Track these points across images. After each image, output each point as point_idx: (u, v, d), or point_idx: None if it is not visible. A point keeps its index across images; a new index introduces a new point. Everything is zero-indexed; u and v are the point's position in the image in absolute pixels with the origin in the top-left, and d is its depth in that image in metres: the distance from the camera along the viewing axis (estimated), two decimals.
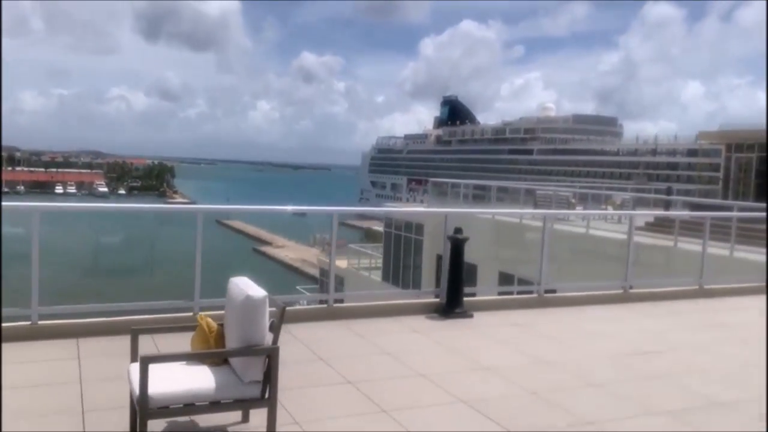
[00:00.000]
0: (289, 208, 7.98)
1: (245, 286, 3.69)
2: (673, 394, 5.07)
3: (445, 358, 5.75)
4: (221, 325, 3.89)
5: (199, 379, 3.55)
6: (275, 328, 3.66)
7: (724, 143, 27.67)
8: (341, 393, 4.72)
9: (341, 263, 32.51)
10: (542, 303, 8.07)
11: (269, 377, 3.60)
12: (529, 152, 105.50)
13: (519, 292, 9.57)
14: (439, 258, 25.64)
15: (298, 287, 38.76)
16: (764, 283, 9.70)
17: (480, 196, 24.41)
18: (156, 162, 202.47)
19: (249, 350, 3.55)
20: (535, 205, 21.91)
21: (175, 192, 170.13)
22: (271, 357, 3.59)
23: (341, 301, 9.05)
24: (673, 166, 74.04)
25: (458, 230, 7.60)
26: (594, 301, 8.40)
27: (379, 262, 28.51)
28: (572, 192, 20.84)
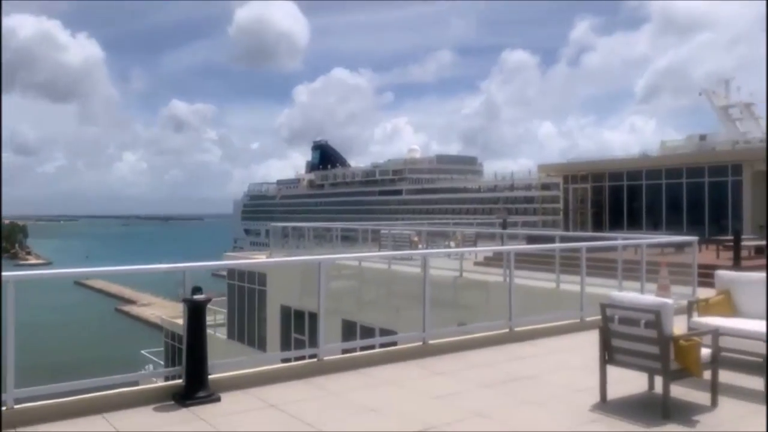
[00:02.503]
0: None
1: None
2: None
3: None
4: None
5: None
6: None
7: (562, 175, 28.69)
8: None
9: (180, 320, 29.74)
10: (322, 369, 6.63)
11: None
12: (399, 192, 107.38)
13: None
14: (284, 309, 23.56)
15: (143, 351, 35.11)
16: (578, 320, 9.00)
17: (326, 238, 23.12)
18: (6, 222, 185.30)
19: None
20: (380, 246, 20.98)
21: (29, 253, 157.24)
22: None
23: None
24: (530, 200, 77.90)
25: (197, 290, 6.00)
26: (388, 359, 7.11)
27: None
28: (414, 231, 20.14)
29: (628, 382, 5.82)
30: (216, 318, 26.56)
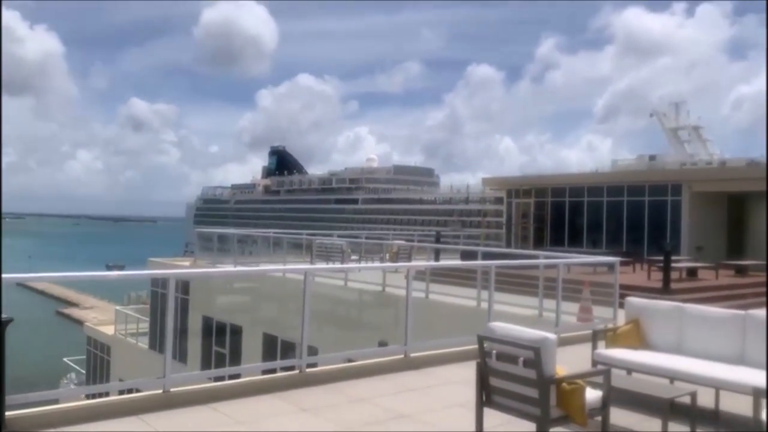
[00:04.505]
0: None
1: None
2: None
3: None
4: None
5: None
6: None
7: (505, 189, 28.31)
8: None
9: (108, 329, 28.15)
10: (168, 404, 5.63)
11: None
12: (355, 201, 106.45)
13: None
14: (206, 319, 22.16)
15: (66, 359, 33.26)
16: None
17: (257, 245, 21.97)
18: None
19: None
20: (312, 256, 19.98)
21: None
22: None
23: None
24: (483, 213, 78.10)
25: None
26: (253, 391, 6.15)
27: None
28: (346, 241, 19.22)
29: (514, 423, 5.01)
30: (139, 326, 25.16)
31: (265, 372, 6.90)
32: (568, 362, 7.53)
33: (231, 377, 7.05)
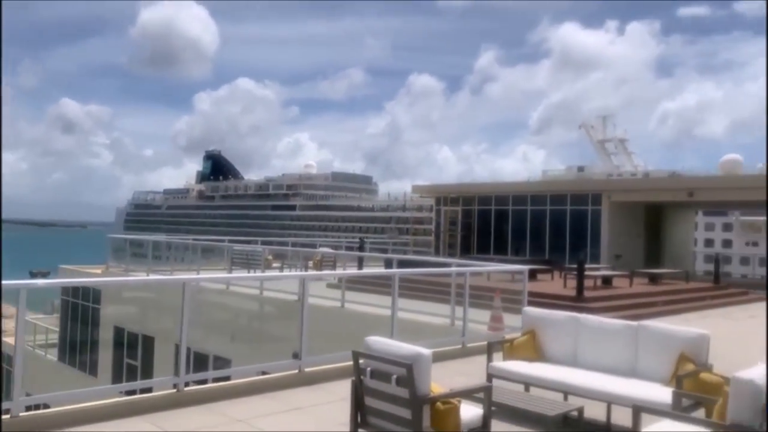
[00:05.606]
0: None
1: None
2: None
3: None
4: None
5: None
6: None
7: (434, 197, 28.40)
8: None
9: (11, 339, 26.42)
10: (18, 428, 5.03)
11: None
12: (292, 208, 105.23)
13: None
14: (117, 330, 20.90)
15: None
16: None
17: (177, 251, 21.08)
18: None
19: None
20: (231, 264, 19.31)
21: None
22: None
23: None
24: (419, 221, 78.68)
25: None
26: (125, 412, 5.60)
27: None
28: (265, 248, 18.66)
29: None
30: (48, 337, 23.71)
31: (143, 391, 6.36)
32: (470, 374, 7.35)
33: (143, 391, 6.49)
